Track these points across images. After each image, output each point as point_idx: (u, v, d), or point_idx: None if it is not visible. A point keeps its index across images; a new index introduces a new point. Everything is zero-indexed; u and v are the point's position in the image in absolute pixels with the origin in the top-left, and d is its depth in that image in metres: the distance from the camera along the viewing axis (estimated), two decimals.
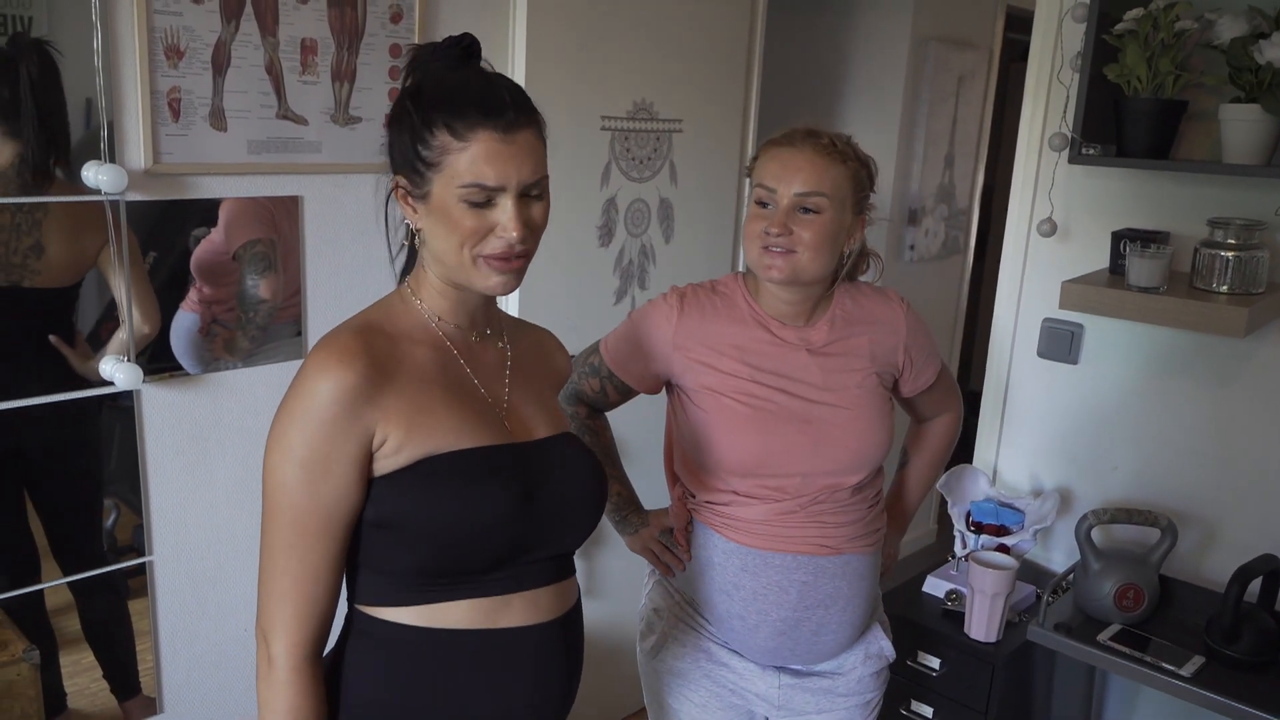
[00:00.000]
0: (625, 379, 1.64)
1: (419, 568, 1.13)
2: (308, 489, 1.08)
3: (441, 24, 2.11)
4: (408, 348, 1.15)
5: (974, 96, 3.83)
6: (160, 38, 1.73)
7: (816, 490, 1.52)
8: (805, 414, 1.52)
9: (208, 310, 1.88)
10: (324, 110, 1.97)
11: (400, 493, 1.11)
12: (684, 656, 1.62)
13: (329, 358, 1.09)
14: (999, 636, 2.04)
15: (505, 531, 1.13)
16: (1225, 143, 1.86)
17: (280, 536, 1.10)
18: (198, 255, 1.84)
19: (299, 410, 1.08)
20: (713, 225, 2.78)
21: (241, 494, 1.99)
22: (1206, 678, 1.83)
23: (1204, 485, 2.14)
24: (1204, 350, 2.10)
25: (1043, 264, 2.29)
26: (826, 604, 1.54)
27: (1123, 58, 1.89)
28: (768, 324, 1.56)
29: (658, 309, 1.60)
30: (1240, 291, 1.88)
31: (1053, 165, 2.14)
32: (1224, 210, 1.99)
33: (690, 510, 1.61)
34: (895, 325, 1.61)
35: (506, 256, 1.12)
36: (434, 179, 1.10)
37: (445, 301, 1.19)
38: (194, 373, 1.87)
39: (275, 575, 1.11)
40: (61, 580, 1.80)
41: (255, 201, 1.90)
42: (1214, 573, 2.14)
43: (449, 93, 1.10)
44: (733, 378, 1.53)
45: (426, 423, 1.12)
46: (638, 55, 2.44)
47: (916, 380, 1.66)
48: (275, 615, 1.11)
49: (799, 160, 1.47)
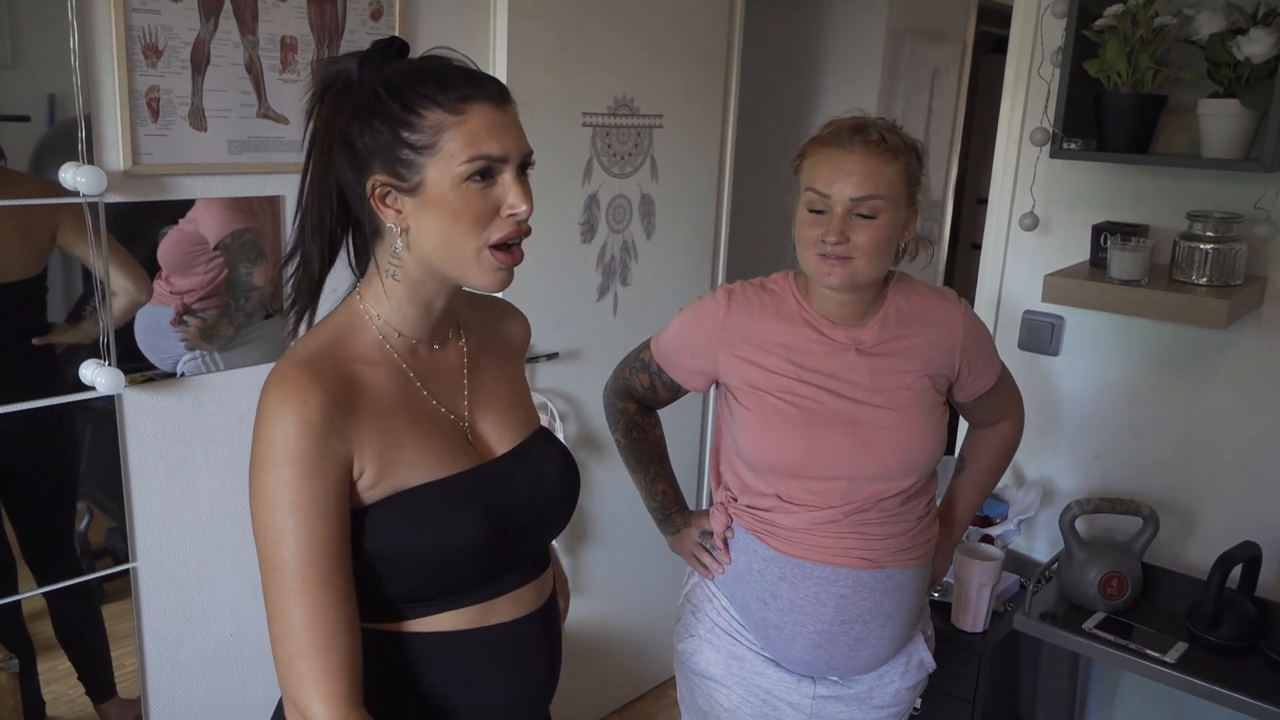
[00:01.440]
0: (673, 375, 1.62)
1: (408, 593, 1.12)
2: (304, 533, 1.00)
3: (422, 20, 2.09)
4: (363, 371, 1.09)
5: (948, 89, 3.86)
6: (138, 36, 1.70)
7: (862, 498, 1.49)
8: (851, 415, 1.48)
9: (179, 301, 1.84)
10: (304, 109, 1.93)
11: (376, 529, 1.07)
12: (718, 661, 1.61)
13: (282, 400, 1.01)
14: (986, 626, 2.06)
15: (484, 554, 1.12)
16: (1204, 137, 1.89)
17: (287, 590, 1.00)
18: (165, 247, 1.80)
19: (269, 458, 1.00)
20: (694, 220, 2.78)
21: (225, 498, 1.97)
22: (1190, 663, 1.86)
23: (1184, 474, 2.18)
24: (1183, 342, 2.13)
25: (1022, 257, 2.31)
26: (865, 618, 1.51)
27: (1103, 53, 1.91)
28: (817, 323, 1.52)
29: (705, 305, 1.58)
30: (1219, 283, 1.90)
31: (1034, 160, 2.16)
32: (1202, 203, 2.02)
33: (732, 514, 1.59)
34: (951, 326, 1.55)
35: (516, 239, 1.05)
36: (427, 164, 1.02)
37: (409, 311, 1.11)
38: (164, 368, 1.83)
39: (290, 634, 1.00)
40: (46, 589, 1.78)
41: None
42: (1194, 559, 2.18)
43: (426, 73, 1.04)
44: (778, 376, 1.50)
45: (395, 457, 1.07)
46: (618, 51, 2.44)
47: (974, 385, 1.61)
48: (301, 677, 1.00)
49: (851, 163, 1.40)
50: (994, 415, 1.72)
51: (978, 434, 1.76)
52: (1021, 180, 2.25)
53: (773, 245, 3.67)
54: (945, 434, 1.55)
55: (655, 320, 2.69)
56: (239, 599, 2.03)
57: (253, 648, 2.07)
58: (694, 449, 2.99)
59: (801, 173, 1.49)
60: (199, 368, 1.89)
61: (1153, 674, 1.86)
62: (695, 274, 2.83)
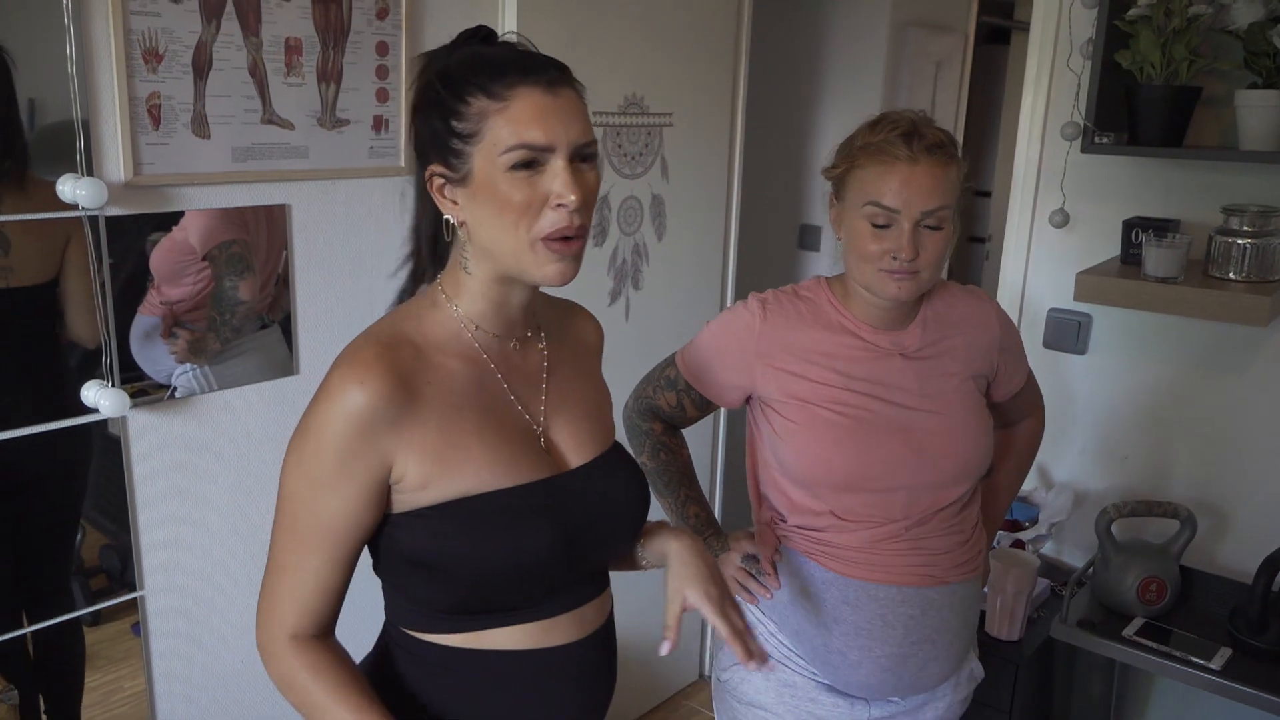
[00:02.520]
0: (704, 392, 1.55)
1: (456, 605, 1.07)
2: (311, 505, 1.03)
3: (429, 19, 2.02)
4: (440, 360, 1.06)
5: (950, 81, 3.81)
6: (138, 40, 1.61)
7: (922, 509, 1.43)
8: (905, 423, 1.43)
9: (169, 312, 1.76)
10: (310, 113, 1.86)
11: (435, 533, 1.04)
12: (767, 690, 1.54)
13: (349, 377, 1.00)
14: (1021, 635, 2.01)
15: (547, 571, 1.07)
16: (1241, 129, 1.83)
17: (281, 537, 1.06)
18: (157, 256, 1.72)
19: (314, 426, 1.02)
20: (704, 221, 2.72)
21: (234, 519, 1.89)
22: (1235, 670, 1.81)
23: (1216, 474, 2.13)
24: (1214, 338, 2.08)
25: (1046, 254, 2.26)
26: (933, 638, 1.45)
27: (1135, 44, 1.86)
28: (858, 330, 1.46)
29: (738, 316, 1.51)
30: (1257, 279, 1.86)
31: (1063, 154, 2.10)
32: (1236, 197, 1.97)
33: (780, 536, 1.52)
34: (988, 324, 1.52)
35: (566, 233, 1.00)
36: (474, 153, 0.99)
37: (486, 304, 1.08)
38: (157, 379, 1.75)
39: (272, 570, 1.07)
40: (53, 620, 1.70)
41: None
42: (1229, 561, 2.13)
43: (481, 61, 1.02)
44: (825, 387, 1.43)
45: (458, 459, 1.04)
46: (627, 48, 2.37)
47: (1010, 382, 1.57)
48: (265, 604, 1.08)
49: (918, 177, 1.33)
50: (1020, 413, 1.69)
51: (1003, 433, 1.72)
52: (1046, 175, 2.20)
53: (780, 243, 3.63)
54: (992, 435, 1.50)
55: (667, 325, 2.64)
56: (250, 624, 1.94)
57: (263, 676, 1.99)
58: (705, 467, 2.92)
59: (852, 183, 1.40)
60: (190, 382, 1.80)
61: (1198, 681, 1.82)
62: (706, 276, 2.76)
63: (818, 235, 3.62)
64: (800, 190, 3.61)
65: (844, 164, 1.41)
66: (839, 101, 3.54)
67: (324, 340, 1.97)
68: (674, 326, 2.66)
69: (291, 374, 1.94)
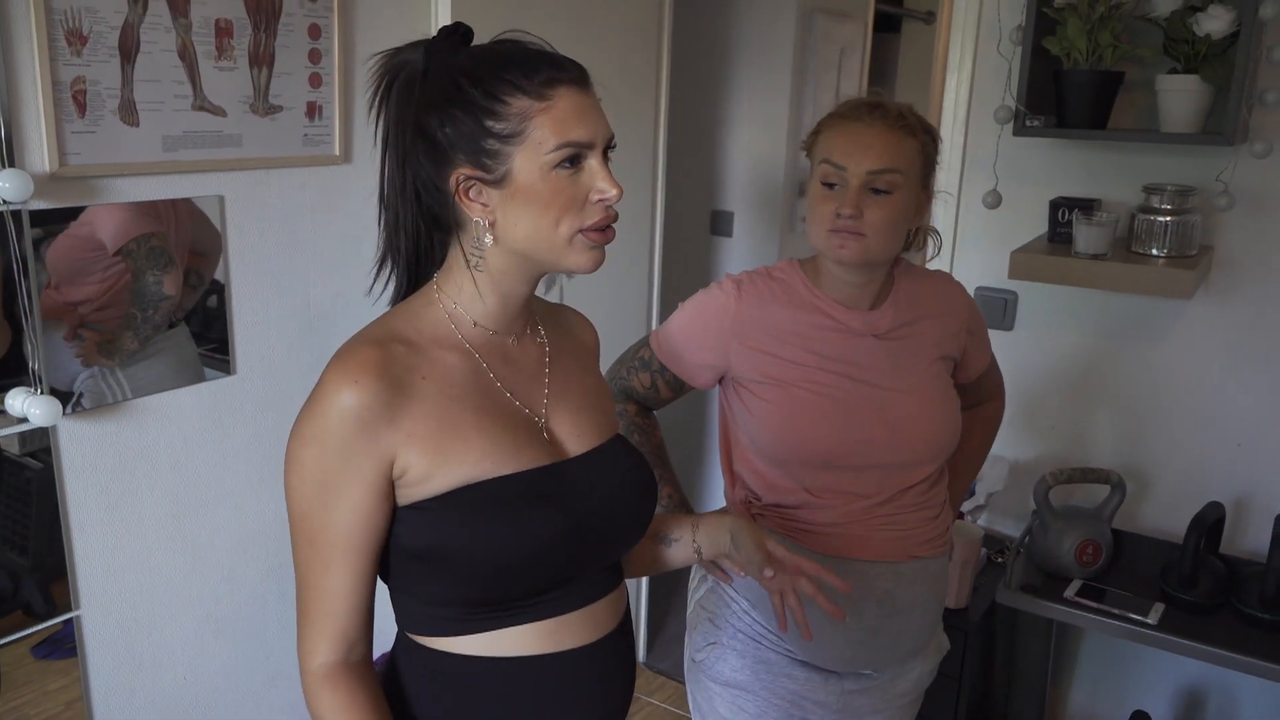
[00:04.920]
0: (678, 372, 1.55)
1: (465, 599, 1.05)
2: (324, 513, 1.01)
3: (361, 2, 1.94)
4: (436, 354, 1.05)
5: (853, 68, 3.89)
6: (60, 21, 1.50)
7: (893, 487, 1.46)
8: (878, 401, 1.45)
9: (72, 313, 1.64)
10: (243, 99, 1.77)
11: (437, 524, 1.02)
12: (743, 668, 1.55)
13: (343, 375, 0.99)
14: (968, 602, 2.08)
15: (555, 559, 1.05)
16: (1163, 112, 1.93)
17: (303, 557, 1.04)
18: (54, 254, 1.60)
19: (310, 431, 1.00)
20: (632, 207, 2.71)
21: (173, 530, 1.79)
22: (1170, 623, 1.92)
23: (1139, 440, 2.25)
24: (1136, 311, 2.19)
25: (972, 234, 2.33)
26: (907, 610, 1.49)
27: (1063, 30, 1.93)
28: (831, 310, 1.48)
29: (713, 297, 1.51)
30: (1177, 254, 1.96)
31: (995, 138, 2.17)
32: (1154, 177, 2.07)
33: (754, 514, 1.53)
34: (956, 306, 1.56)
35: (607, 223, 1.02)
36: (514, 153, 0.98)
37: (489, 302, 1.07)
38: (58, 386, 1.63)
39: (301, 595, 1.05)
40: None
41: None
42: (1154, 522, 2.26)
43: (507, 57, 0.99)
44: (799, 366, 1.45)
45: (458, 448, 1.02)
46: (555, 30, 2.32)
47: (975, 364, 1.61)
48: (304, 635, 1.05)
49: (869, 136, 1.38)
50: (984, 394, 1.73)
51: (965, 415, 1.76)
52: (971, 158, 2.27)
53: (693, 229, 3.64)
54: (959, 415, 1.54)
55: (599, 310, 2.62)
56: (192, 637, 1.85)
57: (209, 689, 1.90)
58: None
59: (815, 150, 1.45)
60: (98, 386, 1.68)
61: (1136, 637, 1.92)
62: (634, 261, 2.76)
63: (730, 221, 3.65)
64: (712, 176, 3.63)
65: (812, 136, 1.46)
66: (749, 87, 3.57)
67: (261, 338, 1.88)
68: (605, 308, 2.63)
69: (227, 375, 1.84)
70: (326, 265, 1.97)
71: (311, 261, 1.94)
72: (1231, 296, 2.10)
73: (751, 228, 3.56)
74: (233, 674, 1.94)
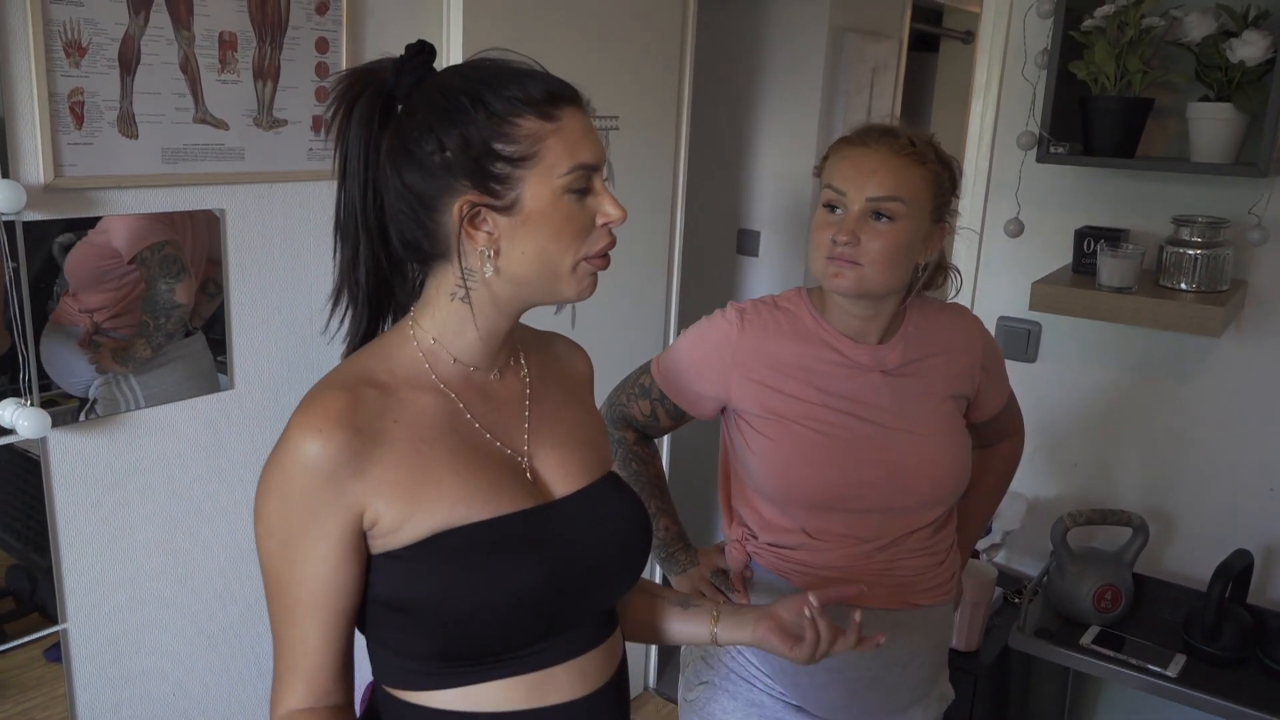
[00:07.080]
0: (678, 401, 1.49)
1: (437, 652, 0.98)
2: (288, 567, 0.96)
3: (370, 15, 1.92)
4: (409, 395, 0.99)
5: (885, 88, 3.82)
6: (58, 31, 1.49)
7: (895, 532, 1.40)
8: (882, 442, 1.39)
9: (89, 320, 1.64)
10: (246, 113, 1.75)
11: (408, 574, 0.96)
12: (735, 709, 1.49)
13: (308, 425, 0.93)
14: (980, 645, 2.00)
15: (532, 611, 0.99)
16: (1194, 141, 1.85)
17: (274, 610, 0.99)
18: (74, 261, 1.60)
19: (274, 483, 0.95)
20: (650, 226, 2.67)
21: (164, 545, 1.77)
22: (1191, 676, 1.83)
23: (1165, 481, 2.16)
24: (1164, 347, 2.10)
25: (996, 262, 2.26)
26: (904, 661, 1.43)
27: (1090, 55, 1.86)
28: (838, 344, 1.41)
29: (716, 325, 1.46)
30: (1207, 289, 1.88)
31: (1018, 164, 2.10)
32: (1184, 208, 1.99)
33: (750, 553, 1.47)
34: (971, 342, 1.48)
35: (610, 249, 0.98)
36: (526, 177, 0.92)
37: (472, 336, 1.01)
38: (74, 393, 1.62)
39: (277, 649, 1.00)
40: None
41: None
42: (1177, 566, 2.16)
43: (504, 76, 0.93)
44: (801, 402, 1.39)
45: (431, 494, 0.96)
46: (574, 50, 2.30)
47: (990, 403, 1.53)
48: (275, 680, 1.01)
49: (872, 161, 1.32)
50: (999, 434, 1.65)
51: (979, 455, 1.68)
52: (995, 183, 2.20)
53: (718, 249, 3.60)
54: (970, 457, 1.47)
55: (614, 330, 2.57)
56: (180, 654, 1.83)
57: (197, 706, 1.88)
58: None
59: (824, 173, 1.40)
60: (111, 393, 1.67)
61: (1155, 689, 1.83)
62: (652, 281, 2.71)
63: (756, 240, 3.60)
64: (738, 195, 3.58)
65: (823, 159, 1.42)
66: (778, 106, 3.52)
67: (260, 353, 1.86)
68: (620, 331, 2.60)
69: (226, 389, 1.82)
70: (329, 281, 1.93)
71: (314, 277, 1.92)
72: (1265, 335, 2.01)
73: (778, 247, 3.50)
74: (222, 692, 1.92)
